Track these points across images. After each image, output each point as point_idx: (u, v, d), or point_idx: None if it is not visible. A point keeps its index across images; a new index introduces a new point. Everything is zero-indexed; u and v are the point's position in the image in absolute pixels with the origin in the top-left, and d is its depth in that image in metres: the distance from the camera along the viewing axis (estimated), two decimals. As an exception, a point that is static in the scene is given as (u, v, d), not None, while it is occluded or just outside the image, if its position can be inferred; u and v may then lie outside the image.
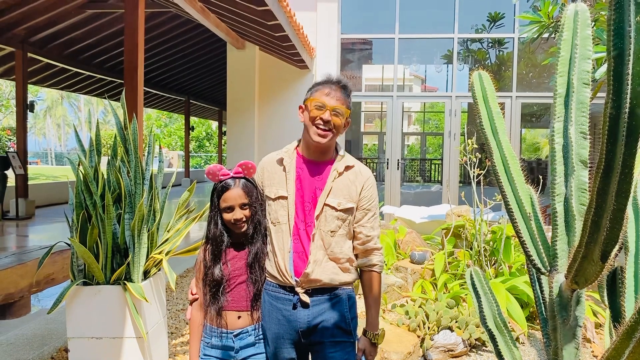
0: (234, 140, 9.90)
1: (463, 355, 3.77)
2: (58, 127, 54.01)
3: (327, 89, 1.97)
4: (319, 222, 1.98)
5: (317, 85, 2.02)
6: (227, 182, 2.03)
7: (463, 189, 8.30)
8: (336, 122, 1.96)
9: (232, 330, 2.02)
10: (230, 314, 2.03)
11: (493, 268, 5.04)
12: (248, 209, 2.02)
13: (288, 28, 6.91)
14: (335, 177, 2.01)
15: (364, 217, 2.05)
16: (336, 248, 2.00)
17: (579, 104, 1.43)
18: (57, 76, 13.08)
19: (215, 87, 18.77)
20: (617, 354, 1.17)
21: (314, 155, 2.05)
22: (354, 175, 2.04)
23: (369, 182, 2.06)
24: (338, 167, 2.03)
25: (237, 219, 2.00)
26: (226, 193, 2.01)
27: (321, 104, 1.94)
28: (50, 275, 4.46)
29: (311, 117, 1.96)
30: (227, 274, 2.02)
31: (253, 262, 2.04)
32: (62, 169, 32.14)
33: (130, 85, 4.83)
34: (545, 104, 10.89)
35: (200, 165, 37.89)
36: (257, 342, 2.06)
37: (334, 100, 1.96)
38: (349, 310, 2.04)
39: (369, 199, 2.05)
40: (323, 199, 1.98)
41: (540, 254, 1.57)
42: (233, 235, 2.07)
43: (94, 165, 3.06)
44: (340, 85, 2.00)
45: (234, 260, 2.05)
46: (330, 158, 2.07)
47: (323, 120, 1.94)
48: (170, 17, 10.70)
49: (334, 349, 2.00)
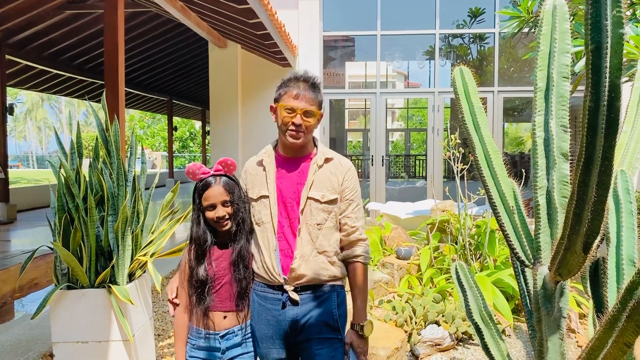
0: (218, 139, 9.85)
1: (450, 349, 3.80)
2: (39, 130, 53.31)
3: (295, 91, 1.95)
4: (304, 217, 1.97)
5: (285, 86, 2.00)
6: (208, 180, 2.02)
7: (447, 184, 8.35)
8: (307, 124, 1.96)
9: (219, 331, 2.01)
10: (217, 315, 2.01)
11: (478, 262, 5.09)
12: (230, 206, 2.01)
13: (269, 26, 6.88)
14: (315, 171, 2.01)
15: (348, 208, 2.04)
16: (324, 241, 1.99)
17: (559, 98, 1.44)
18: (36, 78, 12.88)
19: (197, 87, 18.64)
20: (600, 343, 1.18)
21: (292, 153, 2.05)
22: (334, 167, 2.04)
23: (350, 173, 2.06)
24: (317, 161, 2.03)
25: (219, 217, 1.99)
26: (207, 191, 2.00)
27: (291, 108, 1.94)
28: (33, 280, 4.40)
29: (283, 122, 1.96)
30: (212, 274, 2.01)
31: (237, 260, 2.03)
32: (43, 172, 31.73)
33: (111, 86, 4.77)
34: (527, 98, 10.99)
35: (184, 165, 37.66)
36: (244, 342, 2.05)
37: (303, 103, 1.94)
38: (337, 307, 2.03)
39: (352, 189, 2.05)
40: (306, 192, 1.98)
41: (524, 247, 1.59)
42: (217, 234, 2.06)
43: (76, 167, 3.02)
44: (309, 85, 1.98)
45: (219, 260, 2.03)
46: (308, 153, 2.07)
47: (295, 124, 1.94)
48: (150, 17, 10.60)
49: (320, 345, 1.99)
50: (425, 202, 8.61)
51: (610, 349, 1.15)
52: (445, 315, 3.93)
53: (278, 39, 7.69)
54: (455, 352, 3.76)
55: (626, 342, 1.11)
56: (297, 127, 1.94)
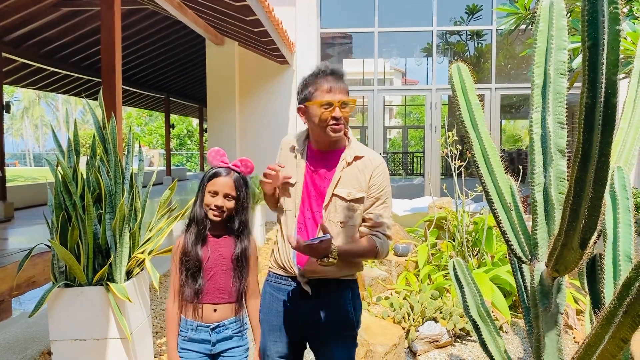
0: (216, 137, 9.84)
1: (448, 345, 3.81)
2: (36, 128, 53.20)
3: (327, 85, 1.90)
4: (327, 213, 1.94)
5: (313, 83, 1.93)
6: (222, 170, 2.04)
7: (445, 181, 8.35)
8: (346, 116, 1.91)
9: (209, 323, 2.02)
10: (206, 307, 2.03)
11: (476, 258, 5.09)
12: (233, 202, 2.03)
13: (267, 23, 6.87)
14: (343, 167, 1.96)
15: (372, 205, 1.98)
16: (345, 239, 1.94)
17: (556, 94, 1.45)
18: (33, 76, 12.84)
19: (195, 84, 18.60)
20: (597, 339, 1.19)
21: (325, 146, 2.00)
22: (363, 165, 1.97)
23: (379, 170, 1.98)
24: (347, 157, 1.97)
25: (217, 206, 2.00)
26: (217, 178, 2.02)
27: (328, 103, 1.88)
28: (31, 278, 4.39)
29: (322, 119, 1.89)
30: (206, 258, 2.02)
31: (240, 257, 2.05)
32: (41, 170, 31.66)
33: (108, 83, 4.76)
34: (524, 94, 11.01)
35: (182, 163, 37.59)
36: (235, 336, 2.07)
37: (338, 95, 1.89)
38: (352, 304, 2.01)
39: (379, 187, 1.97)
40: (332, 189, 1.94)
41: (521, 243, 1.59)
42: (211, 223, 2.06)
43: (73, 165, 3.02)
44: (338, 76, 1.94)
45: (212, 248, 2.05)
46: (340, 147, 2.01)
47: (335, 118, 1.88)
48: (147, 14, 10.57)
49: (335, 343, 1.97)
50: (422, 199, 8.63)
51: (607, 345, 1.16)
52: (442, 311, 3.94)
53: (275, 36, 7.68)
54: (453, 349, 3.77)
55: (623, 337, 1.11)
56: (337, 121, 1.89)
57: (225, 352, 2.06)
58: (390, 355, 3.26)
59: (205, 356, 2.05)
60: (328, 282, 1.96)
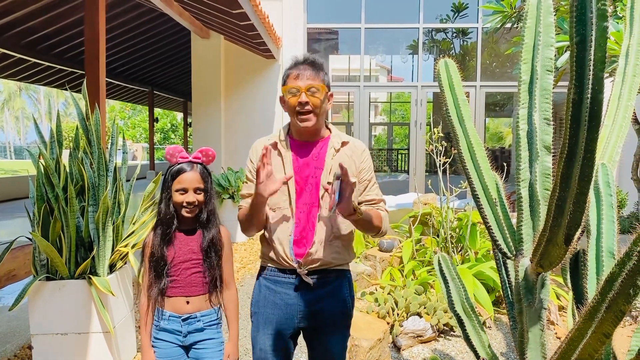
0: (200, 131, 9.77)
1: (432, 340, 3.83)
2: (17, 120, 52.35)
3: (296, 72, 1.91)
4: (324, 202, 1.94)
5: (286, 72, 1.97)
6: (185, 165, 2.03)
7: (429, 177, 8.40)
8: (314, 101, 1.89)
9: (181, 314, 2.02)
10: (178, 300, 2.02)
11: (459, 254, 5.13)
12: (202, 194, 2.03)
13: (253, 17, 6.83)
14: (333, 155, 1.97)
15: (366, 188, 2.03)
16: (342, 225, 1.97)
17: (542, 91, 1.45)
18: (14, 67, 12.60)
19: (179, 78, 18.42)
20: (580, 334, 1.20)
21: (306, 137, 2.00)
22: (350, 150, 2.01)
23: (365, 154, 2.05)
24: (334, 144, 1.99)
25: (189, 202, 2.00)
26: (182, 175, 2.01)
27: (294, 88, 1.89)
28: (11, 272, 4.33)
29: (290, 105, 1.91)
30: (171, 258, 2.01)
31: (209, 248, 2.04)
32: (22, 163, 31.22)
33: (92, 75, 4.69)
34: (508, 93, 11.10)
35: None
36: (207, 328, 2.06)
37: (304, 80, 1.89)
38: (348, 292, 2.06)
39: (368, 170, 2.04)
40: (325, 177, 1.94)
41: (506, 239, 1.60)
42: (181, 220, 2.05)
43: (55, 156, 2.98)
44: (309, 63, 1.94)
45: (181, 245, 2.04)
46: (323, 136, 2.03)
47: (301, 103, 1.88)
48: (132, 6, 10.44)
49: (332, 333, 2.01)
50: (407, 196, 8.66)
51: (589, 340, 1.17)
52: (427, 307, 3.96)
53: (262, 30, 7.63)
54: (436, 344, 3.80)
55: (605, 332, 1.12)
56: (302, 106, 1.88)
57: (197, 344, 2.05)
58: (374, 350, 3.27)
59: (178, 347, 2.04)
60: (327, 273, 1.98)
